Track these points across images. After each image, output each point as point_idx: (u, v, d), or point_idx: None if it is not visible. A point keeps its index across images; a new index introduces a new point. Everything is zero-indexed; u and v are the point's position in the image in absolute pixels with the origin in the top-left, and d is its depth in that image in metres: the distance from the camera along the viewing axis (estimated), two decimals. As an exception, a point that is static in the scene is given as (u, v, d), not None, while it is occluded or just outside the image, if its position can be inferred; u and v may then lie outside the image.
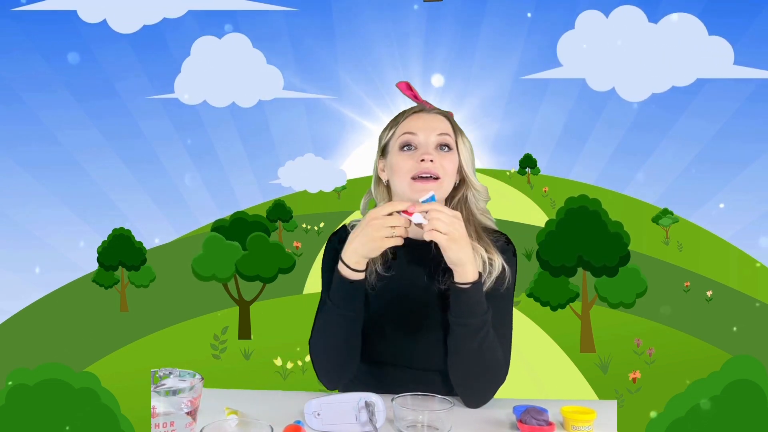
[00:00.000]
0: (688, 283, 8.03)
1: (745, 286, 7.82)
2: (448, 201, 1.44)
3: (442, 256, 1.35)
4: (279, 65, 8.03)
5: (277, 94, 8.07)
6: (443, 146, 1.37)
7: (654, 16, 7.07)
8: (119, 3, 7.49)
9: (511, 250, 1.44)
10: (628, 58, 7.13)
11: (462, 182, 1.43)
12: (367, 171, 1.52)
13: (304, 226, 9.94)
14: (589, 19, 7.24)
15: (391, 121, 1.43)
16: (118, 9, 7.49)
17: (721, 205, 7.64)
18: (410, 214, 1.24)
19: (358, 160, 8.82)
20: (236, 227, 7.15)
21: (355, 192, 10.14)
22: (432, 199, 1.25)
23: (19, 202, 7.58)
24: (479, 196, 1.44)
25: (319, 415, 1.14)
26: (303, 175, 8.93)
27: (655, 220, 9.19)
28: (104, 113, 8.24)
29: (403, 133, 1.38)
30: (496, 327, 1.37)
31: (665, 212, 9.09)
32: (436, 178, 1.35)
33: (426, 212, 1.23)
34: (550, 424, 1.17)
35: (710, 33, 7.03)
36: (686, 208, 8.57)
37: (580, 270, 6.18)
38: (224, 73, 7.94)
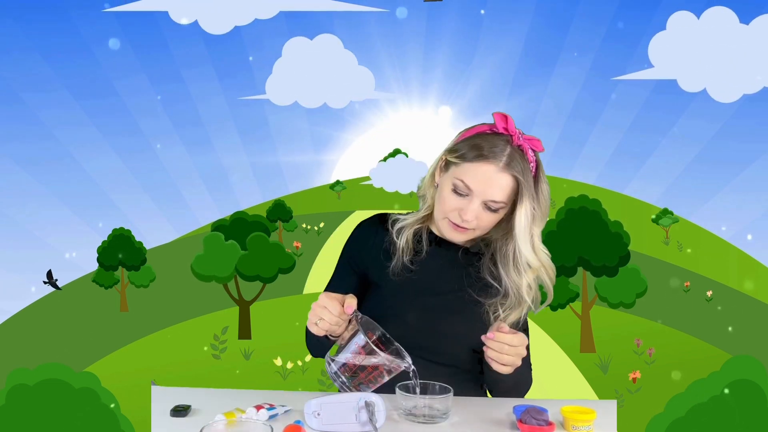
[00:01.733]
0: (688, 283, 8.03)
1: (745, 286, 7.82)
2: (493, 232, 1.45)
3: (472, 261, 1.40)
4: (370, 66, 7.95)
5: (369, 95, 7.99)
6: (491, 208, 1.36)
7: (745, 17, 7.05)
8: (210, 4, 7.48)
9: None
10: (720, 58, 7.11)
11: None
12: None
13: (304, 226, 9.93)
14: (680, 20, 7.22)
15: (464, 141, 1.38)
16: (210, 10, 7.47)
17: (749, 237, 7.68)
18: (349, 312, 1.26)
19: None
20: (236, 227, 7.15)
21: (355, 192, 10.14)
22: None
23: (19, 202, 7.57)
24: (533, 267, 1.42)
25: (318, 415, 1.15)
26: (393, 176, 8.82)
27: (655, 220, 9.18)
28: (190, 115, 8.24)
29: (460, 180, 1.35)
30: (527, 337, 1.43)
31: (665, 212, 9.08)
32: (471, 230, 1.37)
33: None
34: (550, 424, 1.17)
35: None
36: (686, 208, 8.57)
37: (580, 270, 6.18)
38: (316, 74, 7.88)
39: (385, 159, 8.79)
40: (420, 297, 1.42)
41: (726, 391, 2.75)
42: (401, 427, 1.18)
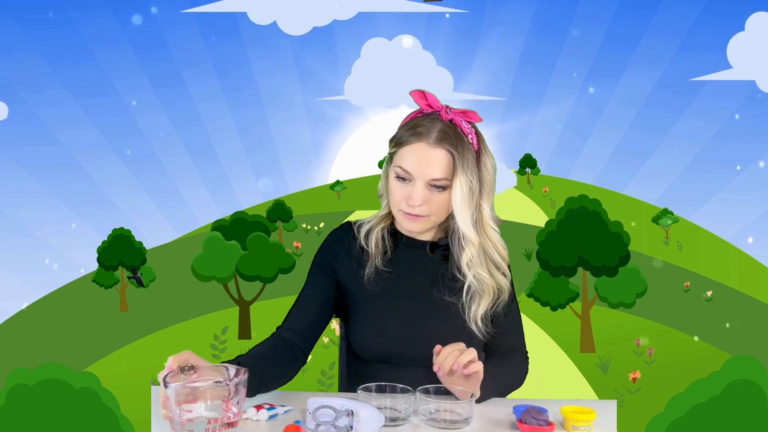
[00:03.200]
0: (688, 283, 8.03)
1: (745, 286, 7.82)
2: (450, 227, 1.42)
3: (441, 255, 1.38)
4: (449, 67, 7.92)
5: (447, 96, 7.97)
6: (436, 187, 1.34)
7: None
8: (289, 5, 7.48)
9: None
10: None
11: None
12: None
13: (304, 226, 9.93)
14: (759, 20, 7.20)
15: (400, 128, 1.38)
16: (288, 11, 7.48)
17: (750, 240, 7.67)
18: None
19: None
20: (236, 227, 7.15)
21: (355, 192, 10.14)
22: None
23: (19, 202, 7.58)
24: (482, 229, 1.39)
25: (310, 413, 1.15)
26: None
27: (655, 220, 9.18)
28: (279, 116, 8.26)
29: (398, 166, 1.34)
30: (514, 328, 1.40)
31: (665, 212, 9.08)
32: (424, 216, 1.35)
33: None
34: (550, 424, 1.17)
35: None
36: (686, 208, 8.57)
37: (580, 270, 6.18)
38: (394, 74, 7.86)
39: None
40: (397, 304, 1.40)
41: (726, 391, 2.75)
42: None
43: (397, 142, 1.36)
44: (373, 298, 1.40)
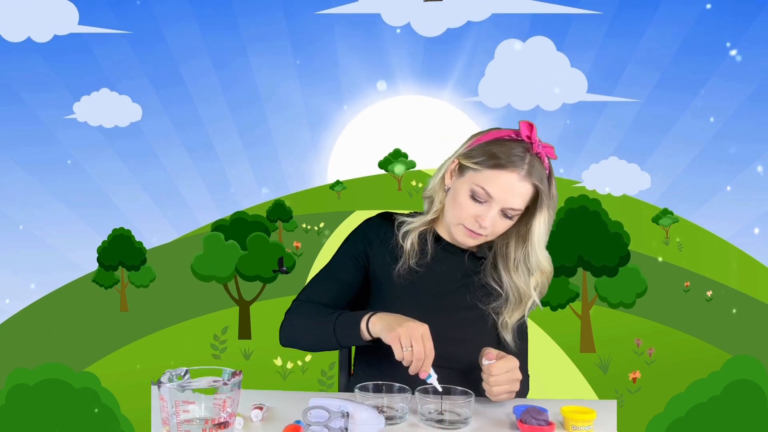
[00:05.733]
0: (688, 283, 8.03)
1: (745, 286, 7.82)
2: (501, 238, 1.46)
3: (476, 265, 1.41)
4: (583, 68, 7.90)
5: (581, 98, 7.95)
6: (506, 215, 1.36)
7: None
8: (423, 6, 7.50)
9: None
10: None
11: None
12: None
13: (304, 226, 9.92)
14: None
15: (485, 146, 1.37)
16: (422, 13, 7.48)
17: (756, 230, 7.65)
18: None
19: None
20: (236, 227, 7.14)
21: (355, 192, 10.14)
22: (429, 377, 1.24)
23: (19, 201, 7.57)
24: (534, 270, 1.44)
25: (309, 412, 1.15)
26: (607, 178, 8.74)
27: (655, 220, 9.18)
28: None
29: (480, 186, 1.34)
30: (520, 349, 1.43)
31: (665, 212, 9.07)
32: (485, 235, 1.38)
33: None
34: (550, 423, 1.17)
35: None
36: (686, 208, 8.56)
37: (580, 270, 6.18)
38: (528, 76, 7.85)
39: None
40: (425, 301, 1.42)
41: (726, 391, 2.75)
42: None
43: (478, 162, 1.35)
44: (400, 291, 1.42)
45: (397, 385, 1.22)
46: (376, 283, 1.45)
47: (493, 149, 1.33)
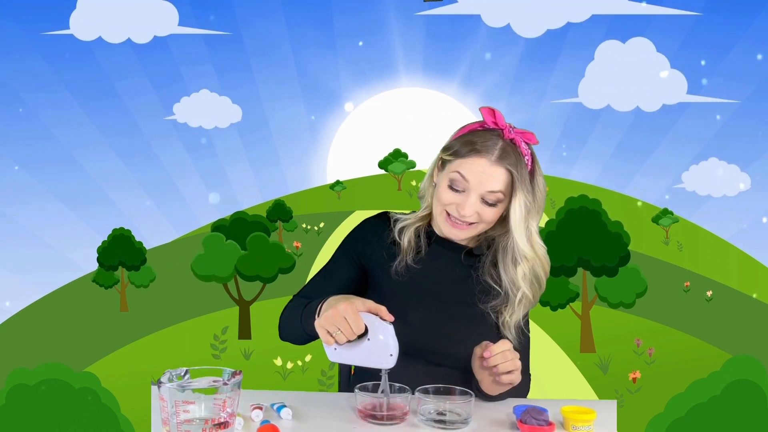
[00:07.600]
0: (688, 283, 8.03)
1: (745, 286, 7.82)
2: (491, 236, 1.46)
3: (474, 263, 1.40)
4: (683, 69, 7.87)
5: (681, 99, 7.91)
6: (487, 202, 1.36)
7: None
8: (523, 7, 7.50)
9: None
10: None
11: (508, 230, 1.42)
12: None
13: (304, 226, 9.92)
14: None
15: (458, 139, 1.39)
16: (522, 13, 7.52)
17: (765, 219, 7.65)
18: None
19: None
20: (236, 227, 7.14)
21: (356, 192, 10.14)
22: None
23: (19, 201, 7.57)
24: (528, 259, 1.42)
25: (336, 349, 1.21)
26: (706, 180, 8.68)
27: (655, 220, 9.18)
28: (521, 114, 8.31)
29: (456, 172, 1.36)
30: (522, 349, 1.43)
31: (665, 212, 9.08)
32: (470, 224, 1.37)
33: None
34: (550, 424, 1.17)
35: None
36: (686, 208, 8.57)
37: (580, 270, 6.18)
38: (628, 77, 7.83)
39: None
40: (422, 298, 1.42)
41: (726, 391, 2.75)
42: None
43: (454, 153, 1.37)
44: (399, 287, 1.43)
45: (398, 385, 1.22)
46: (374, 281, 1.46)
47: (467, 139, 1.37)
